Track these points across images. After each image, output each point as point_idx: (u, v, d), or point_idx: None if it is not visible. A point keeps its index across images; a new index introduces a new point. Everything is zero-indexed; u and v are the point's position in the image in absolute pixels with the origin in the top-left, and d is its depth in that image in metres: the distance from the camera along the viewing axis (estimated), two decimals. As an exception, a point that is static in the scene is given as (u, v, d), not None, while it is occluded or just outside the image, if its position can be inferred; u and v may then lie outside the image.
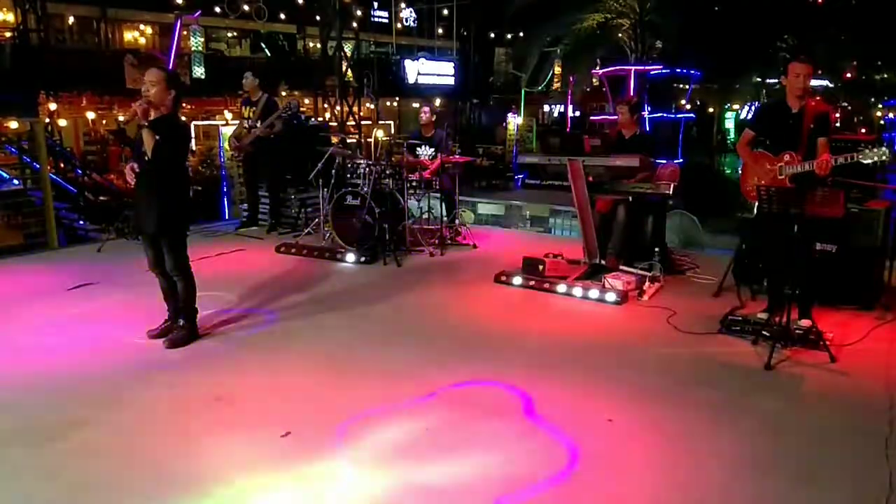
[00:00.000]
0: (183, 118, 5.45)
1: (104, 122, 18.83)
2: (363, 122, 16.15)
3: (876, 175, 5.83)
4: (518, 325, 5.01)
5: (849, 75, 26.83)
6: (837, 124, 22.49)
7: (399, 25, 26.17)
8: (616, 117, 6.65)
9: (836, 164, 4.37)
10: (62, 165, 14.81)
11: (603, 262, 6.03)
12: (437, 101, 24.29)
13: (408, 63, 23.15)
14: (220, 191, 11.23)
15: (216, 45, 21.52)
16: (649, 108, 15.73)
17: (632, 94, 15.41)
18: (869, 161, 4.35)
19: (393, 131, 20.54)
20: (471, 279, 6.18)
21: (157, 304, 4.66)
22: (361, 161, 7.23)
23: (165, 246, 4.38)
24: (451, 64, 24.53)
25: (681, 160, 15.54)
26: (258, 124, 7.82)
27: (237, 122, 8.75)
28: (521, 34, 26.54)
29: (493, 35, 28.24)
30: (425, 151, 7.58)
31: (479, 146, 21.60)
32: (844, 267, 5.11)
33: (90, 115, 18.59)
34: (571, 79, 21.64)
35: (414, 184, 7.22)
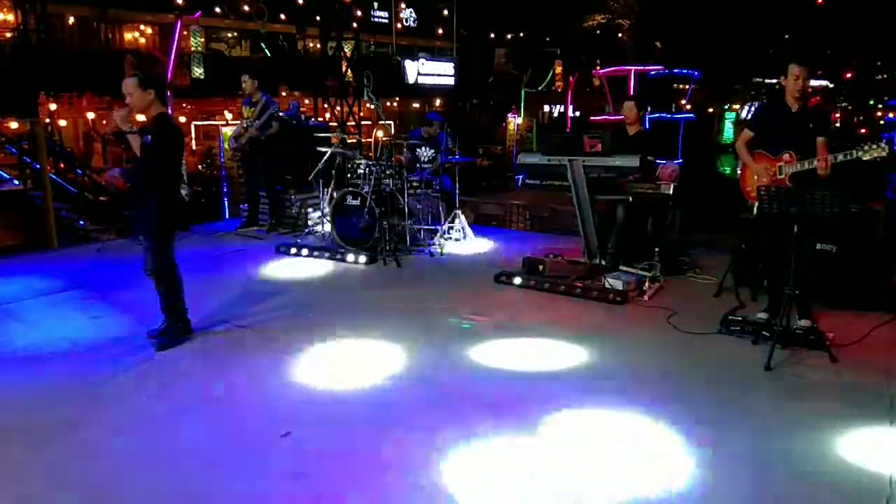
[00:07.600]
0: (182, 118, 5.46)
1: (104, 121, 18.80)
2: (363, 122, 16.13)
3: (878, 174, 5.83)
4: (518, 326, 5.00)
5: (849, 75, 26.84)
6: (837, 124, 22.48)
7: (399, 25, 26.14)
8: (618, 118, 6.65)
9: (836, 161, 4.37)
10: (62, 165, 14.81)
11: (603, 262, 6.03)
12: (437, 102, 24.31)
13: (408, 63, 23.12)
14: (220, 191, 11.24)
15: (216, 46, 21.51)
16: (649, 108, 15.71)
17: (632, 93, 15.39)
18: (868, 158, 4.35)
19: (393, 131, 20.51)
20: (471, 279, 6.18)
21: (157, 305, 4.65)
22: (361, 161, 7.24)
23: (150, 247, 4.40)
24: (451, 64, 24.52)
25: (680, 160, 15.52)
26: (255, 124, 7.85)
27: (237, 122, 8.77)
28: (521, 34, 26.54)
29: (493, 35, 28.23)
30: (425, 152, 7.58)
31: (479, 146, 21.57)
32: (844, 267, 5.11)
33: (90, 116, 18.58)
34: (571, 79, 21.64)
35: (414, 184, 7.22)
